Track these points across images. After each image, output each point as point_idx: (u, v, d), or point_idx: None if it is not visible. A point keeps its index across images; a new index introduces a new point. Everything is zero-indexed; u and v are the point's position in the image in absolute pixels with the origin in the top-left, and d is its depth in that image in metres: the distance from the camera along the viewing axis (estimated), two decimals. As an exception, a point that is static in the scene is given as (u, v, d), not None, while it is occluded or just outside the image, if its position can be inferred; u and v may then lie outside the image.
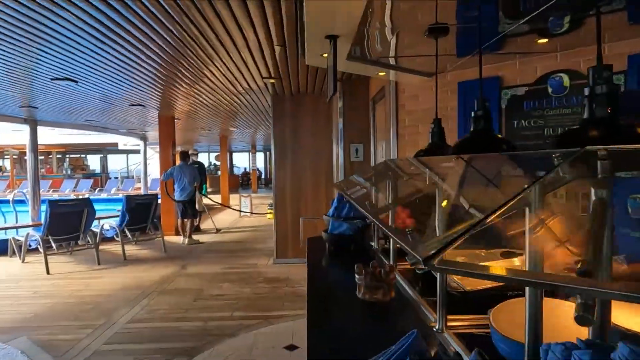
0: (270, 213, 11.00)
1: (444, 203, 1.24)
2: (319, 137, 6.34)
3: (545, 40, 2.64)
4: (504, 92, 3.16)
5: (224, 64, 4.36)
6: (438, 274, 1.30)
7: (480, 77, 1.69)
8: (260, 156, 26.67)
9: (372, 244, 2.67)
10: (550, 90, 2.93)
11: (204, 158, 23.72)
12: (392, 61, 3.15)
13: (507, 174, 1.23)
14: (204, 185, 9.85)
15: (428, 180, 2.02)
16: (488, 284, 1.54)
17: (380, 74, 3.34)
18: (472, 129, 1.77)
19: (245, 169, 26.94)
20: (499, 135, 2.70)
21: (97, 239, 6.69)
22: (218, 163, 22.19)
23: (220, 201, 14.36)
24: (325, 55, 2.57)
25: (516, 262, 1.51)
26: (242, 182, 24.44)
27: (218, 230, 9.24)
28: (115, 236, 7.31)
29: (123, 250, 6.79)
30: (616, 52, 2.68)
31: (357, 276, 1.67)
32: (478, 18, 2.20)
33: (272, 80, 5.10)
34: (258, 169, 23.80)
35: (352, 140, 5.26)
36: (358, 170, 5.26)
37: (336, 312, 1.64)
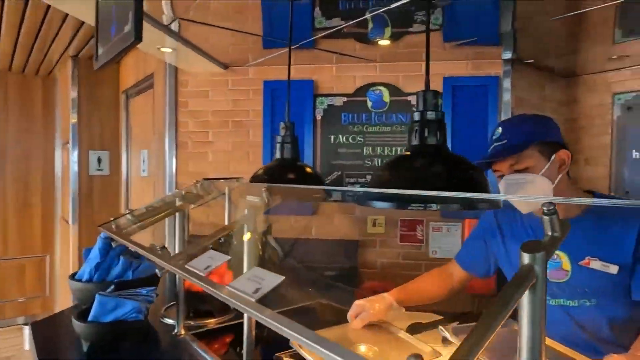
0: None
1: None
2: (33, 138, 4.52)
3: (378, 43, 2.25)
4: (319, 101, 2.65)
5: None
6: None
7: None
8: None
9: (171, 321, 1.59)
10: (370, 104, 2.59)
11: None
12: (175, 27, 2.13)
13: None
14: None
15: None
16: None
17: (163, 49, 2.25)
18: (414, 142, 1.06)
19: None
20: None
21: None
22: None
23: None
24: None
25: None
26: None
27: None
28: None
29: None
30: (433, 72, 2.55)
31: None
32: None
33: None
34: None
35: (93, 146, 3.76)
36: (101, 187, 3.79)
37: None
